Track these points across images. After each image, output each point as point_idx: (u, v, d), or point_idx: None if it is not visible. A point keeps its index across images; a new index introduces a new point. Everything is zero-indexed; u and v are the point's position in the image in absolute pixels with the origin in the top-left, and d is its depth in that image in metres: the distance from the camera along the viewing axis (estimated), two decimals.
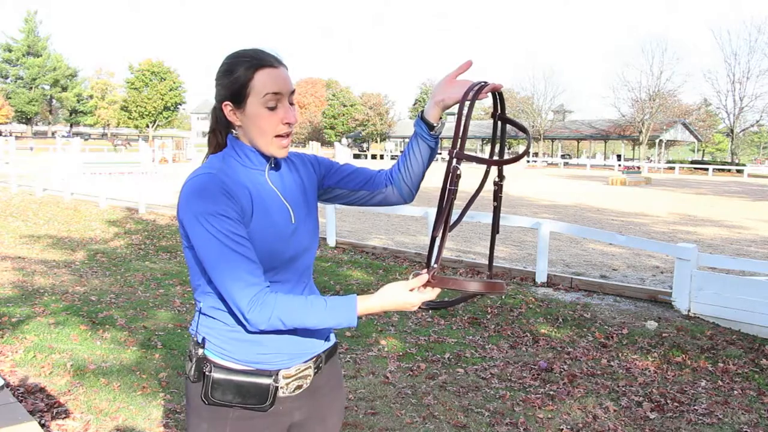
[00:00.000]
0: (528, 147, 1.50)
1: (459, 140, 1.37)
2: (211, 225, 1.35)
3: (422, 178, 1.66)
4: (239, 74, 1.42)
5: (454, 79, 1.51)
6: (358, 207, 1.75)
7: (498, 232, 1.57)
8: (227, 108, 1.46)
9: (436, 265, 1.40)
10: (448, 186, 1.39)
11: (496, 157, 1.49)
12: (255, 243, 1.41)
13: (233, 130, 1.49)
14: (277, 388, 1.46)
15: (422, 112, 1.55)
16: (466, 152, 1.39)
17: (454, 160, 1.38)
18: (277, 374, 1.46)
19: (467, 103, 1.42)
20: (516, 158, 1.47)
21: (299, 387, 1.52)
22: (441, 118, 1.56)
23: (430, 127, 1.55)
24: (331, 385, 1.63)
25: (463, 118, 1.37)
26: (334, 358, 1.65)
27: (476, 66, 1.54)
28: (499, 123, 1.52)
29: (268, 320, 1.35)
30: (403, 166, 1.64)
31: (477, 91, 1.41)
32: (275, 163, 1.54)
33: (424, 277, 1.39)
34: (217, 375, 1.43)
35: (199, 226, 1.35)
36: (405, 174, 1.64)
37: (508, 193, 22.06)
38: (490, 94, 1.45)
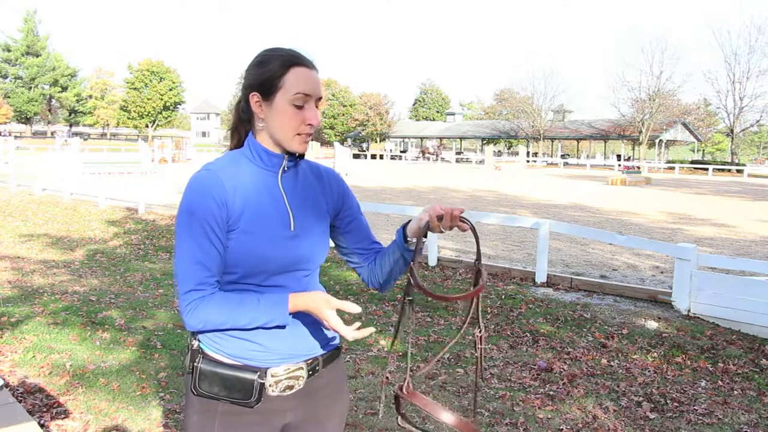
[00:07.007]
0: (483, 279, 1.50)
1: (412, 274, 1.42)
2: (184, 223, 1.41)
3: (391, 284, 1.64)
4: (273, 67, 1.44)
5: (445, 210, 1.44)
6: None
7: (483, 379, 1.59)
8: (254, 98, 1.47)
9: (409, 380, 1.48)
10: (405, 297, 1.44)
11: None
12: (241, 245, 1.43)
13: (258, 123, 1.49)
14: (262, 385, 1.46)
15: (409, 222, 1.54)
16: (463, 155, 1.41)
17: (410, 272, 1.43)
18: (265, 372, 1.46)
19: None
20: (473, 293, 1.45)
21: (290, 387, 1.50)
22: (425, 237, 1.49)
23: (406, 239, 1.54)
24: (331, 389, 1.61)
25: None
26: (336, 363, 1.63)
27: (476, 67, 1.54)
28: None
29: (198, 324, 1.42)
30: (378, 263, 1.63)
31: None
32: (290, 167, 1.53)
33: (353, 306, 1.40)
34: (204, 366, 1.45)
35: (179, 219, 1.43)
36: (378, 271, 1.63)
37: (509, 192, 22.06)
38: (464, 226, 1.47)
